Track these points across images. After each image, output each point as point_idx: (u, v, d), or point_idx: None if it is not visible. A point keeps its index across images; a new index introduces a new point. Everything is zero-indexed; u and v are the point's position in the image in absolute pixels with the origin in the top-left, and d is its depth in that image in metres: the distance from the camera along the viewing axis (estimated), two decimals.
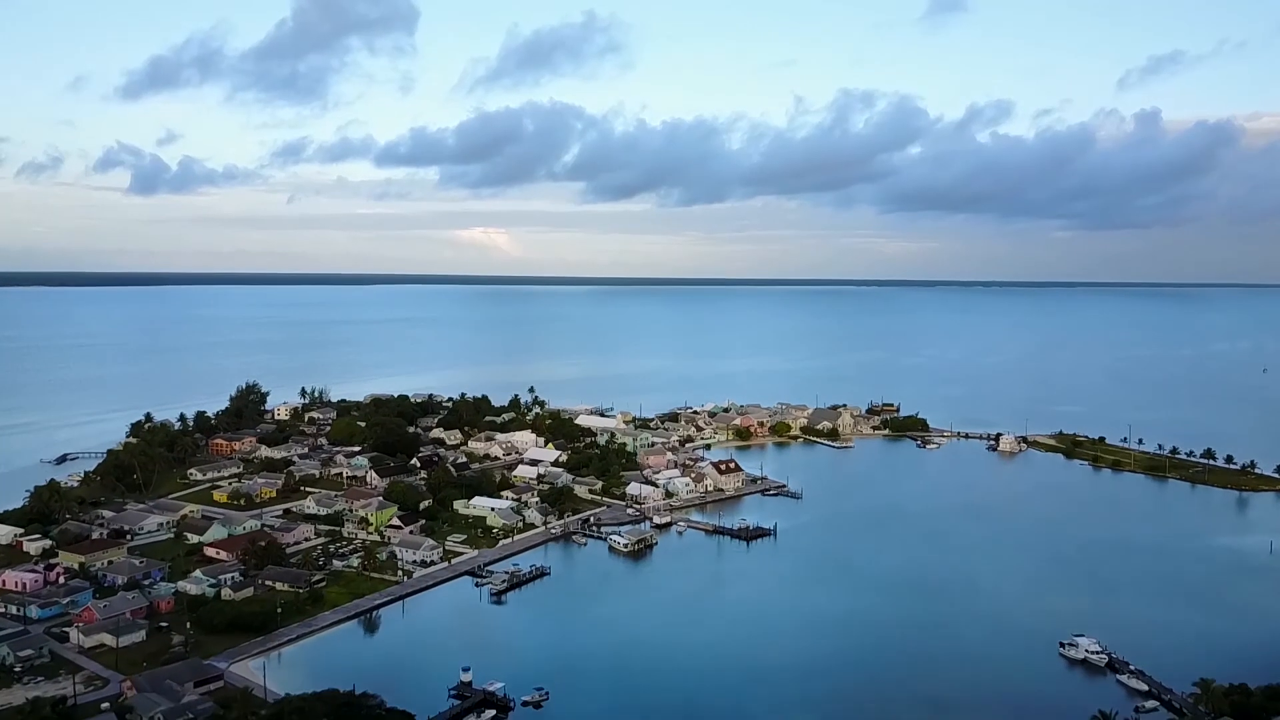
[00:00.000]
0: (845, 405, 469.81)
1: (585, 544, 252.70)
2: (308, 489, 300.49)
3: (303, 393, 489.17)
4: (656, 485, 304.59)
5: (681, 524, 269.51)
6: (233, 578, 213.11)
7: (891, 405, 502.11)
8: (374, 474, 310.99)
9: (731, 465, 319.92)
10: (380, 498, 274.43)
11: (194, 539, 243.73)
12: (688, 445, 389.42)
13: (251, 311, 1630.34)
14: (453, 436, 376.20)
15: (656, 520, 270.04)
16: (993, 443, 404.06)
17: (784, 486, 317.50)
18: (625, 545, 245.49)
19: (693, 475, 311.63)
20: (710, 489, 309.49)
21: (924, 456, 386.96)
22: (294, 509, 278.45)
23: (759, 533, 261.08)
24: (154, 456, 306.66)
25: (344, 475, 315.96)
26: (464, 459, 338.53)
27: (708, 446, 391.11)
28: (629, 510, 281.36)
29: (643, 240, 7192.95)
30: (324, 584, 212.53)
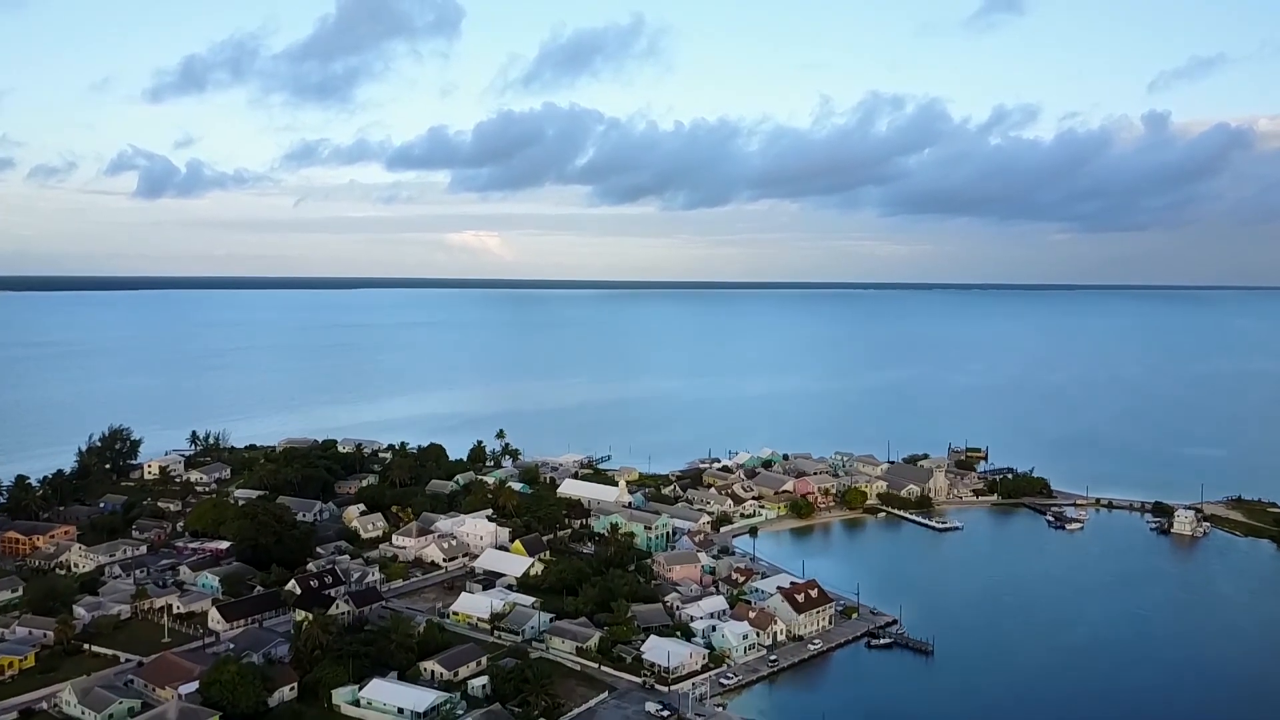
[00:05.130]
0: (928, 456, 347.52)
1: None
2: (96, 649, 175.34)
3: (193, 438, 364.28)
4: (693, 635, 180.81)
5: None
6: None
7: (978, 450, 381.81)
8: (217, 615, 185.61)
9: (814, 592, 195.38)
10: (196, 686, 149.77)
11: None
12: (725, 530, 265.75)
13: (220, 315, 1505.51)
14: (373, 524, 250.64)
15: None
16: (1159, 519, 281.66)
17: (897, 626, 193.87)
18: None
19: (752, 615, 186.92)
20: (782, 638, 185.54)
21: (1068, 544, 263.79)
22: (48, 705, 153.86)
23: None
24: None
25: (171, 610, 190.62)
26: (378, 575, 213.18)
27: (753, 530, 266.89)
28: (649, 706, 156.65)
29: (635, 244, 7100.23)
30: None
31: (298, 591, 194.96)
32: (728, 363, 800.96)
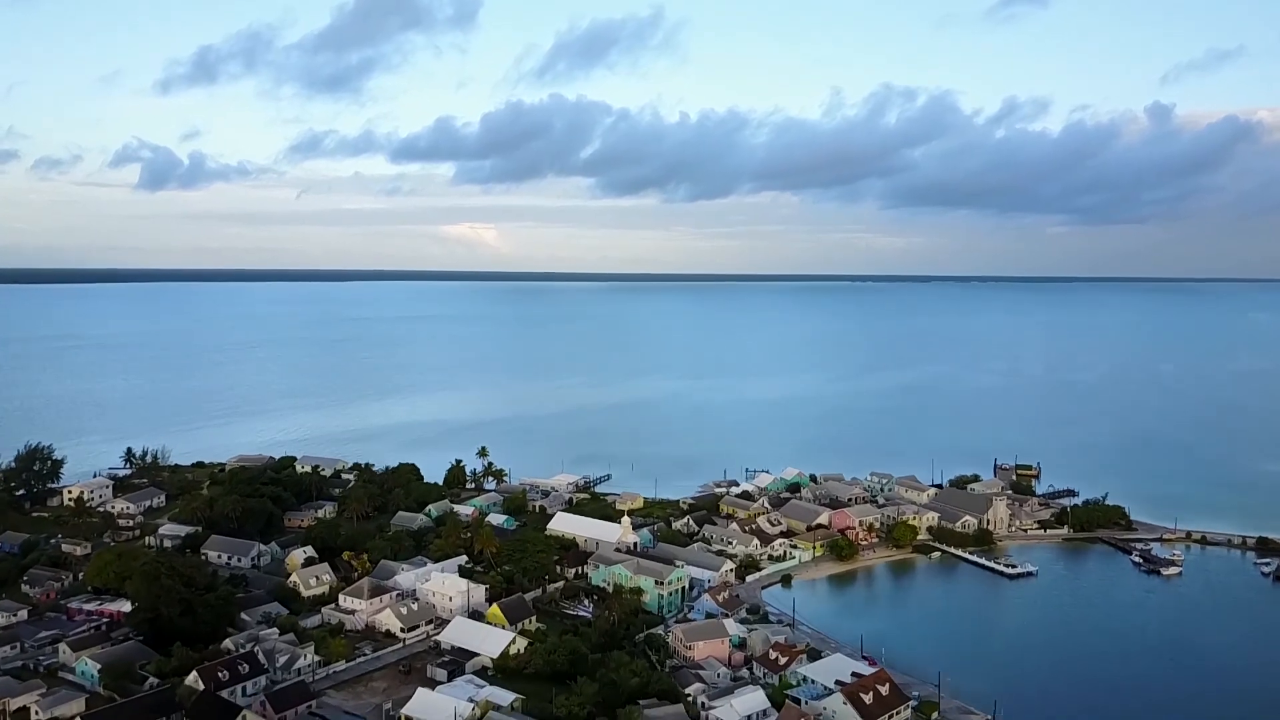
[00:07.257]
0: (979, 478, 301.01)
1: None
2: None
3: (128, 457, 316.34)
4: None
5: None
6: None
7: (1030, 468, 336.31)
8: None
9: (884, 687, 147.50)
10: None
11: None
12: (751, 579, 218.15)
13: (207, 310, 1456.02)
14: (317, 578, 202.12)
15: None
16: (1267, 560, 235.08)
17: None
18: None
19: None
20: None
21: (1170, 595, 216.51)
22: None
23: None
24: None
25: (29, 716, 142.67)
26: (313, 658, 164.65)
27: (786, 579, 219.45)
28: None
29: (634, 236, 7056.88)
30: None
31: (200, 687, 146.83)
32: (732, 361, 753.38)
